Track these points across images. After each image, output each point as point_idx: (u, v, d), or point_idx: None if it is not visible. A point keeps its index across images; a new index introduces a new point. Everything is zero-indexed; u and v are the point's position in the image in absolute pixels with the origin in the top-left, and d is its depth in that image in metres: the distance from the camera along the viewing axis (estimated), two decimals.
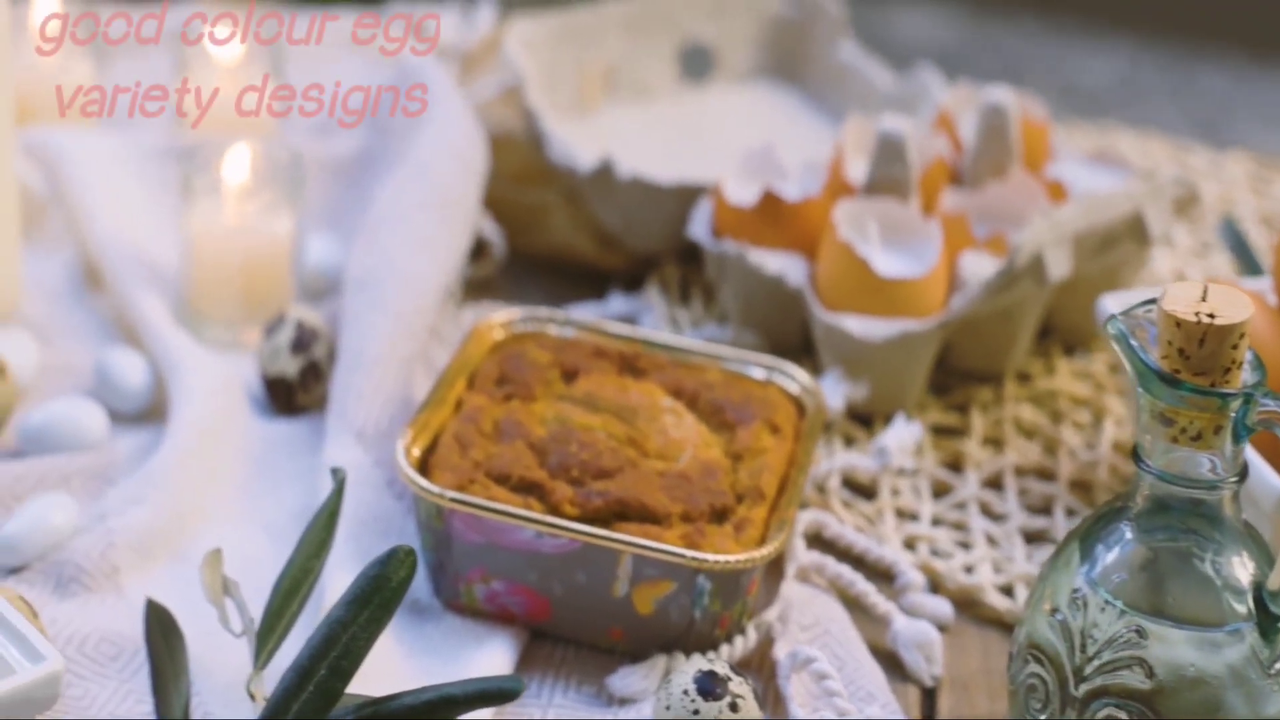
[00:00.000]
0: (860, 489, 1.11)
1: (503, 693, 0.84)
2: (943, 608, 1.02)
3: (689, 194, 1.22)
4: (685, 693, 0.90)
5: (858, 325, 1.12)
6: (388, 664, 0.94)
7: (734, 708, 0.90)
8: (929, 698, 0.98)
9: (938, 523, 1.09)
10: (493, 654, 0.95)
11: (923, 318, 1.12)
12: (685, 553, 0.93)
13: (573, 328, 1.08)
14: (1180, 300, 0.82)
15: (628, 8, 1.37)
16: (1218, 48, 2.95)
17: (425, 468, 0.98)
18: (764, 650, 0.98)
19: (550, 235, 1.27)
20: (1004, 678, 0.98)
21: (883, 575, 1.04)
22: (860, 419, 1.15)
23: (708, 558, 0.93)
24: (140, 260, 1.18)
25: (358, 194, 1.25)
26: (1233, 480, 0.84)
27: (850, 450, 1.12)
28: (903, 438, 1.09)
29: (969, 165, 1.21)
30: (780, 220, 1.16)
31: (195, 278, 1.16)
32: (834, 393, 1.12)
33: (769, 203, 1.16)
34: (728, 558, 0.93)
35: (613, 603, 0.95)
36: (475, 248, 1.25)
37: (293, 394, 1.11)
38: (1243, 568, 0.84)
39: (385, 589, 0.85)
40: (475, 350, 1.06)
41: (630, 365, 1.06)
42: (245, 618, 0.90)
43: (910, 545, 1.07)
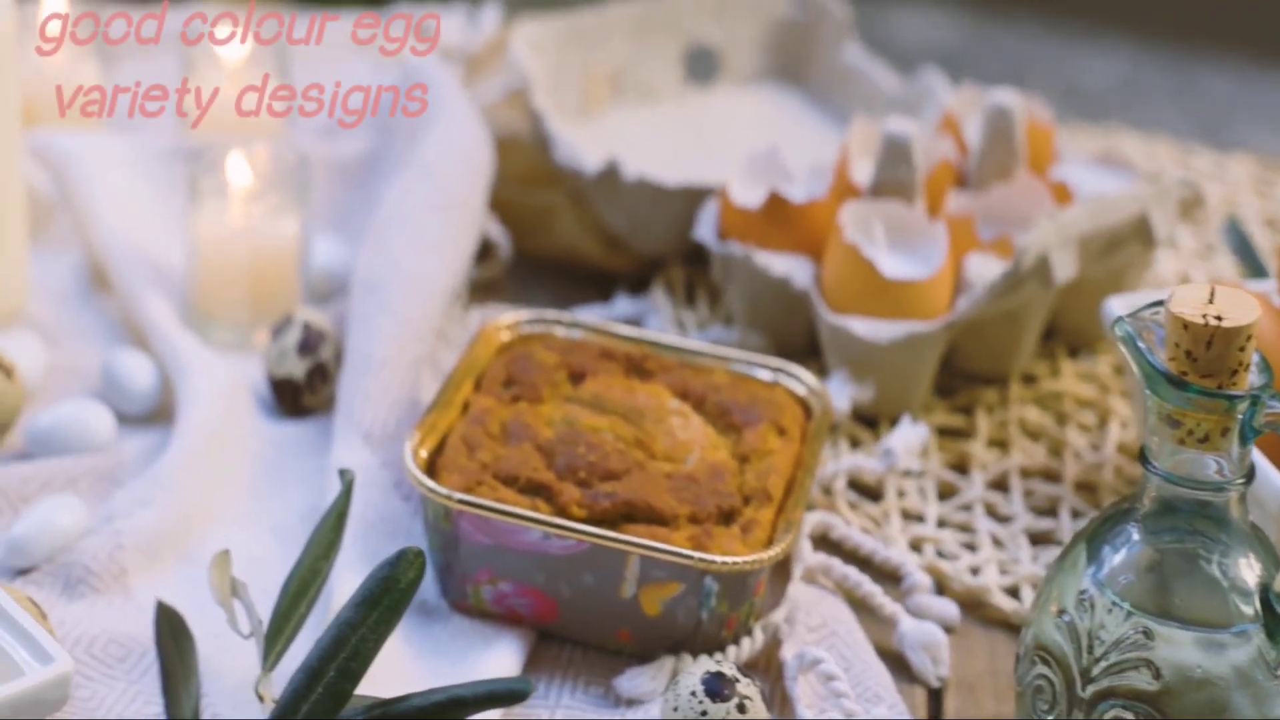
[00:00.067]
0: (866, 490, 1.11)
1: (512, 694, 0.84)
2: (949, 609, 1.02)
3: (695, 196, 1.22)
4: (693, 694, 0.90)
5: (863, 327, 1.12)
6: (395, 665, 0.94)
7: (742, 709, 0.90)
8: (935, 699, 0.98)
9: (943, 524, 1.09)
10: (500, 655, 0.95)
11: (928, 319, 1.13)
12: (692, 554, 0.93)
13: (579, 329, 1.08)
14: (1187, 302, 0.82)
15: (633, 10, 1.37)
16: (1219, 49, 2.95)
17: (433, 469, 0.98)
18: (771, 651, 0.98)
19: (556, 237, 1.27)
20: (1010, 679, 0.98)
21: (889, 576, 1.04)
22: (866, 421, 1.15)
23: (715, 559, 0.93)
24: (147, 262, 1.18)
25: (364, 196, 1.25)
26: (1239, 482, 0.84)
27: (856, 452, 1.12)
28: (909, 439, 1.09)
29: (974, 167, 1.21)
30: (786, 222, 1.17)
31: (202, 279, 1.16)
32: (840, 394, 1.12)
33: (775, 205, 1.16)
34: (735, 559, 0.93)
35: (620, 604, 0.95)
36: (481, 250, 1.25)
37: (299, 395, 1.11)
38: (1249, 569, 0.84)
39: (394, 590, 0.86)
40: (482, 352, 1.06)
41: (637, 367, 1.06)
42: (253, 619, 0.90)
43: (916, 547, 1.07)
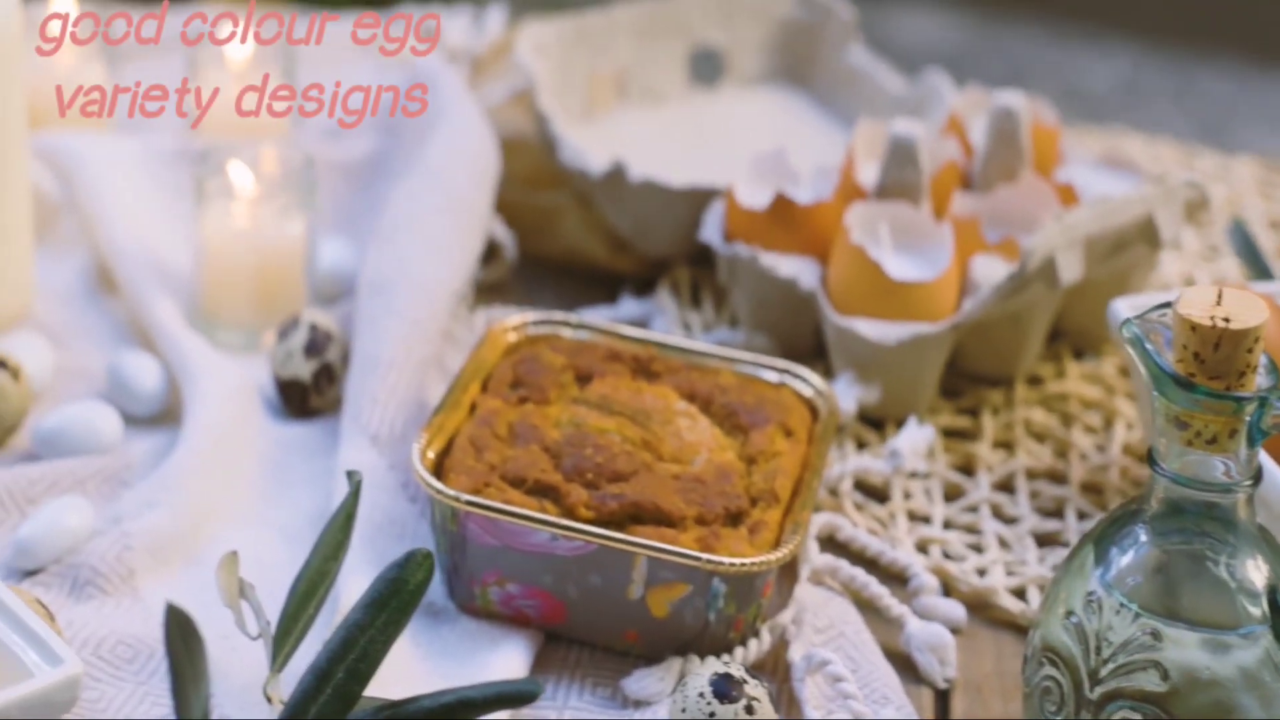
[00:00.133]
0: (872, 492, 1.11)
1: (521, 695, 0.84)
2: (956, 610, 1.02)
3: (700, 197, 1.22)
4: (701, 695, 0.90)
5: (870, 328, 1.12)
6: (403, 667, 0.94)
7: (750, 710, 0.90)
8: (942, 700, 0.98)
9: (950, 525, 1.09)
10: (508, 656, 0.95)
11: (934, 321, 1.13)
12: (700, 555, 0.93)
13: (586, 331, 1.08)
14: (1195, 304, 0.82)
15: (638, 12, 1.37)
16: (1220, 51, 2.95)
17: (440, 471, 0.98)
18: (778, 653, 0.98)
19: (561, 238, 1.27)
20: (1017, 680, 0.98)
21: (896, 578, 1.04)
22: (872, 422, 1.15)
23: (723, 560, 0.93)
24: (153, 263, 1.18)
25: (370, 197, 1.25)
26: (1247, 484, 0.84)
27: (862, 453, 1.12)
28: (915, 440, 1.09)
29: (980, 169, 1.21)
30: (792, 224, 1.17)
31: (208, 281, 1.16)
32: (846, 396, 1.12)
33: (781, 206, 1.16)
34: (742, 561, 0.93)
35: (627, 605, 0.95)
36: (487, 251, 1.25)
37: (306, 397, 1.11)
38: (1257, 571, 0.85)
39: (403, 592, 0.86)
40: (489, 353, 1.06)
41: (644, 368, 1.06)
42: (261, 620, 0.90)
43: (923, 548, 1.07)
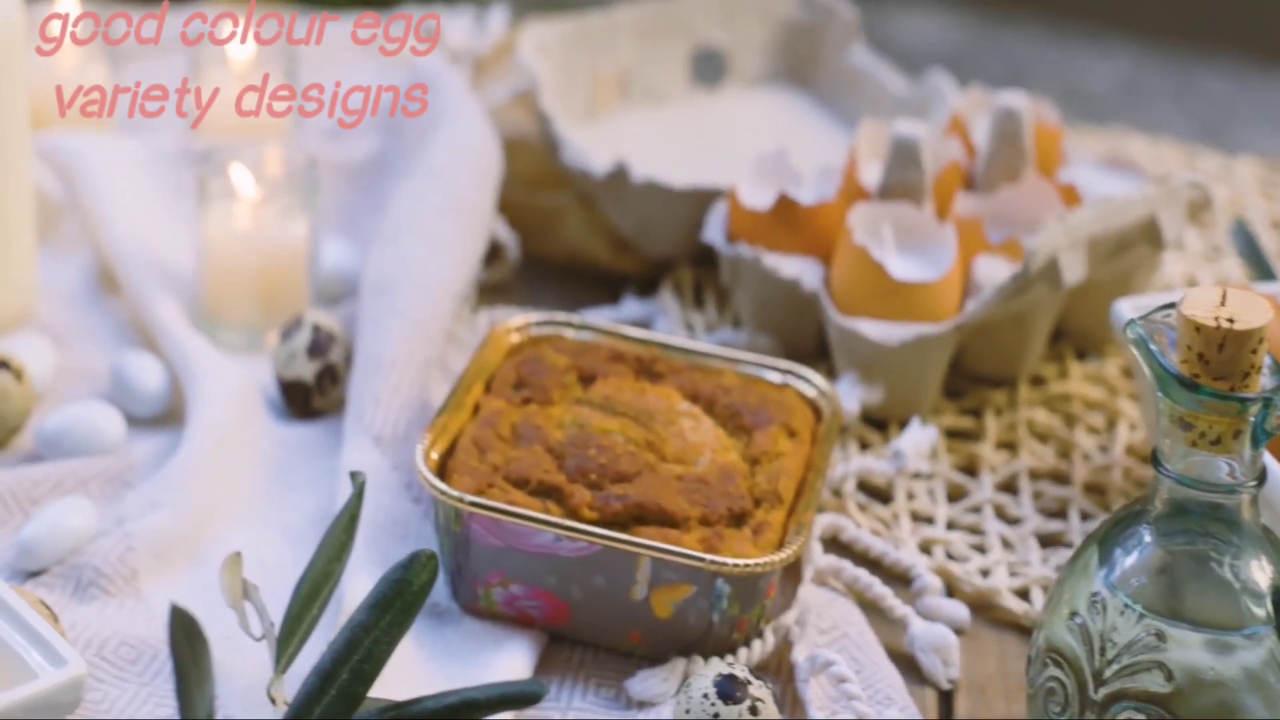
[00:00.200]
0: (875, 492, 1.11)
1: (525, 696, 0.84)
2: (959, 611, 1.02)
3: (703, 198, 1.22)
4: (705, 696, 0.90)
5: (873, 329, 1.12)
6: (407, 668, 0.94)
7: (754, 711, 0.90)
8: (946, 700, 0.98)
9: (953, 526, 1.09)
10: (512, 657, 0.95)
11: (937, 322, 1.12)
12: (704, 556, 0.93)
13: (589, 332, 1.08)
14: (1199, 305, 0.82)
15: (640, 12, 1.37)
16: (1221, 52, 2.95)
17: (444, 472, 0.98)
18: (782, 653, 0.98)
19: (564, 239, 1.27)
20: (1020, 680, 0.98)
21: (899, 578, 1.04)
22: (875, 423, 1.15)
23: (726, 561, 0.93)
24: (155, 264, 1.17)
25: (373, 198, 1.25)
26: (1251, 484, 0.84)
27: (865, 454, 1.12)
28: (918, 441, 1.09)
29: (982, 170, 1.21)
30: (795, 224, 1.17)
31: (211, 282, 1.16)
32: (849, 396, 1.12)
33: (784, 207, 1.16)
34: (746, 561, 0.93)
35: (631, 606, 0.95)
36: (489, 252, 1.25)
37: (309, 398, 1.11)
38: (1261, 571, 0.85)
39: (407, 593, 0.85)
40: (492, 354, 1.06)
41: (647, 369, 1.06)
42: (265, 621, 0.90)
43: (926, 549, 1.07)
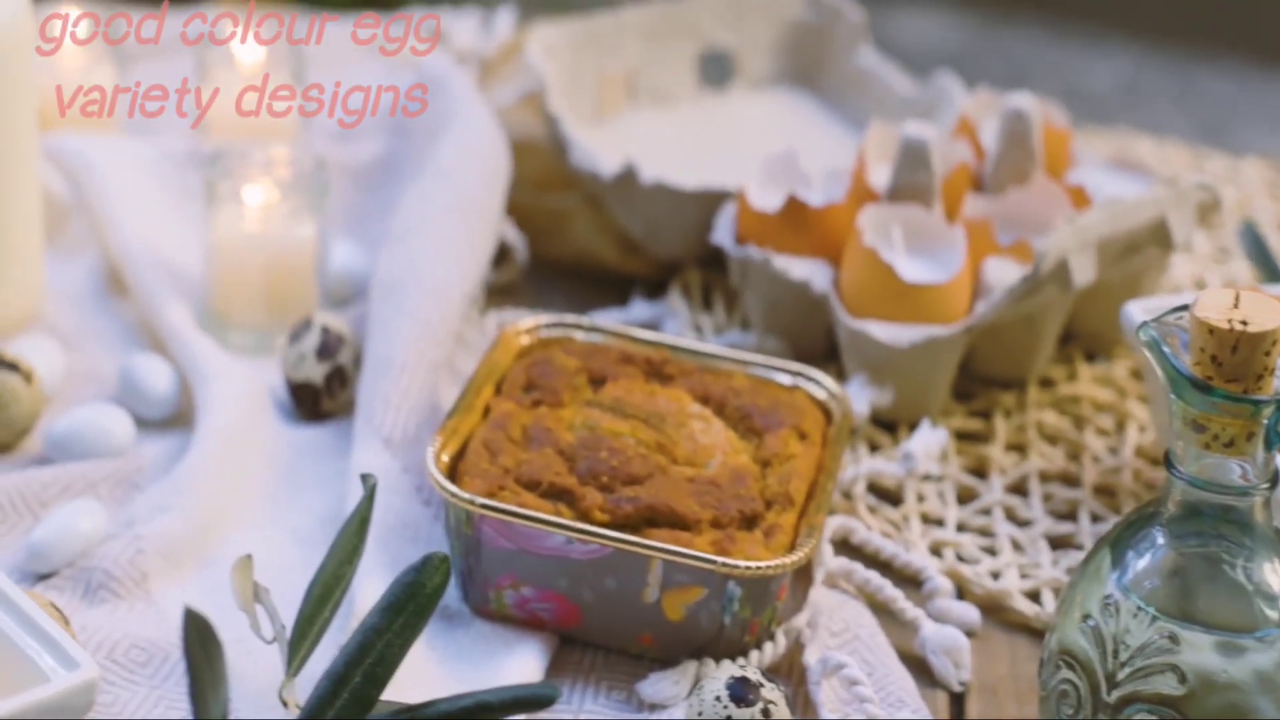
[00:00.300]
0: (885, 494, 1.11)
1: (538, 699, 0.84)
2: (970, 613, 1.02)
3: (711, 200, 1.22)
4: (718, 699, 0.90)
5: (882, 331, 1.12)
6: (418, 670, 0.94)
7: (766, 713, 0.90)
8: (957, 703, 0.98)
9: (963, 528, 1.09)
10: (523, 660, 0.95)
11: (947, 323, 1.12)
12: (715, 559, 0.93)
13: (599, 334, 1.08)
14: (1213, 307, 0.82)
15: (648, 14, 1.37)
16: (1221, 52, 2.95)
17: (455, 474, 0.98)
18: (793, 656, 0.98)
19: (572, 241, 1.27)
20: (1032, 682, 0.98)
21: (910, 581, 1.04)
22: (884, 425, 1.15)
23: (738, 564, 0.93)
24: (164, 266, 1.17)
25: (381, 199, 1.25)
26: (1264, 487, 0.84)
27: (875, 456, 1.12)
28: (928, 443, 1.09)
29: (991, 171, 1.21)
30: (804, 226, 1.16)
31: (219, 283, 1.15)
32: (859, 398, 1.12)
33: (793, 208, 1.16)
34: (758, 564, 0.93)
35: (643, 609, 0.95)
36: (498, 253, 1.24)
37: (318, 400, 1.11)
38: (1274, 574, 0.84)
39: (419, 596, 0.85)
40: (502, 356, 1.06)
41: (657, 371, 1.06)
42: (276, 624, 0.90)
43: (936, 551, 1.07)
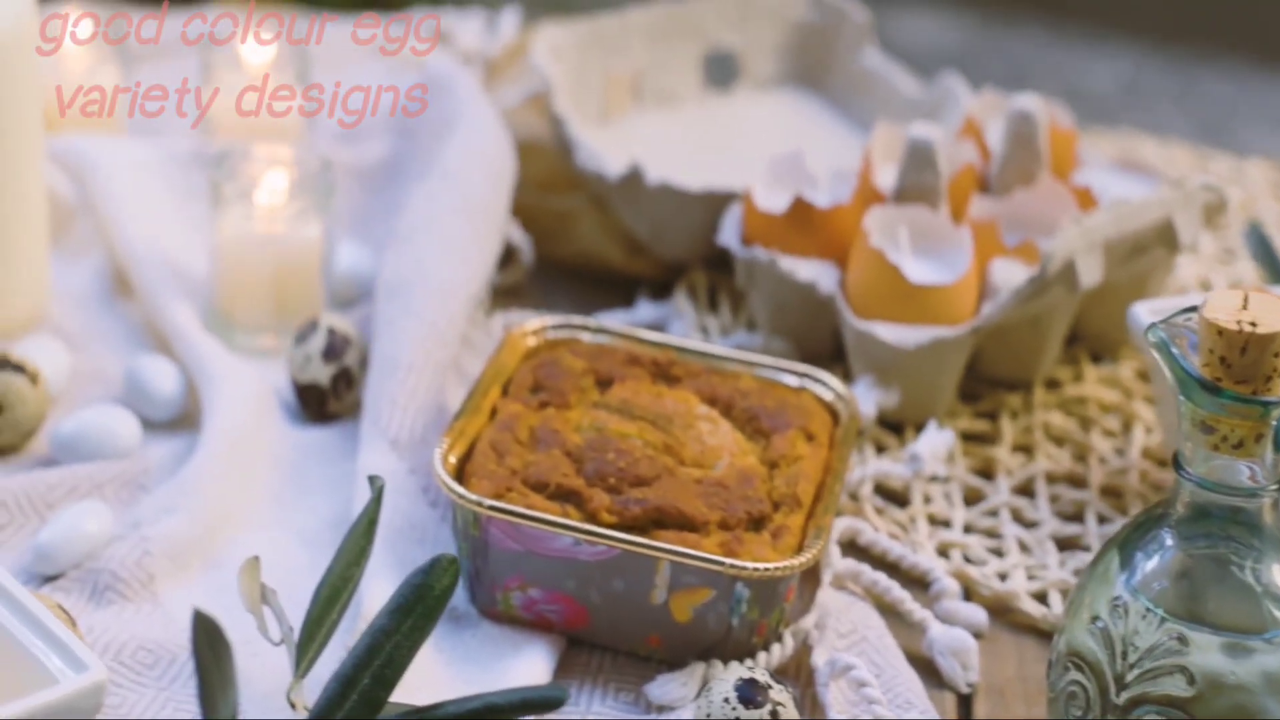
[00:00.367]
0: (892, 496, 1.11)
1: (547, 701, 0.84)
2: (977, 615, 1.02)
3: (717, 201, 1.22)
4: (726, 700, 0.90)
5: (889, 332, 1.12)
6: (426, 672, 0.94)
7: (774, 715, 0.90)
8: (965, 704, 0.98)
9: (970, 530, 1.09)
10: (531, 662, 0.95)
11: (953, 325, 1.12)
12: (723, 560, 0.93)
13: (605, 335, 1.08)
14: (1221, 309, 0.82)
15: (653, 15, 1.37)
16: (1222, 53, 2.95)
17: (462, 476, 0.98)
18: (801, 658, 0.98)
19: (578, 242, 1.27)
20: (1040, 684, 0.98)
21: (917, 582, 1.04)
22: (891, 426, 1.15)
23: (746, 565, 0.93)
24: (169, 267, 1.17)
25: (386, 201, 1.25)
26: (1273, 488, 0.84)
27: (882, 457, 1.12)
28: (935, 444, 1.09)
29: (997, 172, 1.21)
30: (811, 227, 1.16)
31: (225, 285, 1.15)
32: (865, 400, 1.12)
33: (799, 209, 1.16)
34: (766, 565, 0.93)
35: (650, 610, 0.95)
36: (503, 254, 1.25)
37: (325, 401, 1.11)
38: None
39: (428, 598, 0.85)
40: (509, 358, 1.06)
41: (664, 372, 1.06)
42: (284, 626, 0.90)
43: (944, 552, 1.07)
